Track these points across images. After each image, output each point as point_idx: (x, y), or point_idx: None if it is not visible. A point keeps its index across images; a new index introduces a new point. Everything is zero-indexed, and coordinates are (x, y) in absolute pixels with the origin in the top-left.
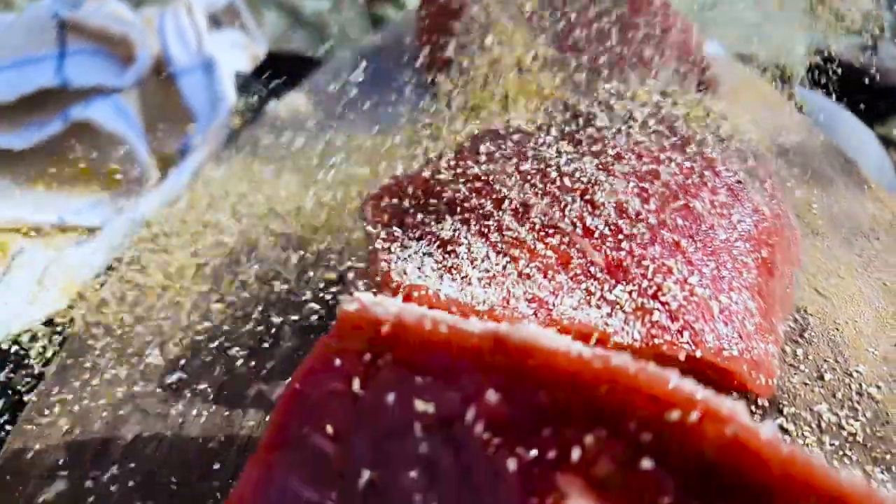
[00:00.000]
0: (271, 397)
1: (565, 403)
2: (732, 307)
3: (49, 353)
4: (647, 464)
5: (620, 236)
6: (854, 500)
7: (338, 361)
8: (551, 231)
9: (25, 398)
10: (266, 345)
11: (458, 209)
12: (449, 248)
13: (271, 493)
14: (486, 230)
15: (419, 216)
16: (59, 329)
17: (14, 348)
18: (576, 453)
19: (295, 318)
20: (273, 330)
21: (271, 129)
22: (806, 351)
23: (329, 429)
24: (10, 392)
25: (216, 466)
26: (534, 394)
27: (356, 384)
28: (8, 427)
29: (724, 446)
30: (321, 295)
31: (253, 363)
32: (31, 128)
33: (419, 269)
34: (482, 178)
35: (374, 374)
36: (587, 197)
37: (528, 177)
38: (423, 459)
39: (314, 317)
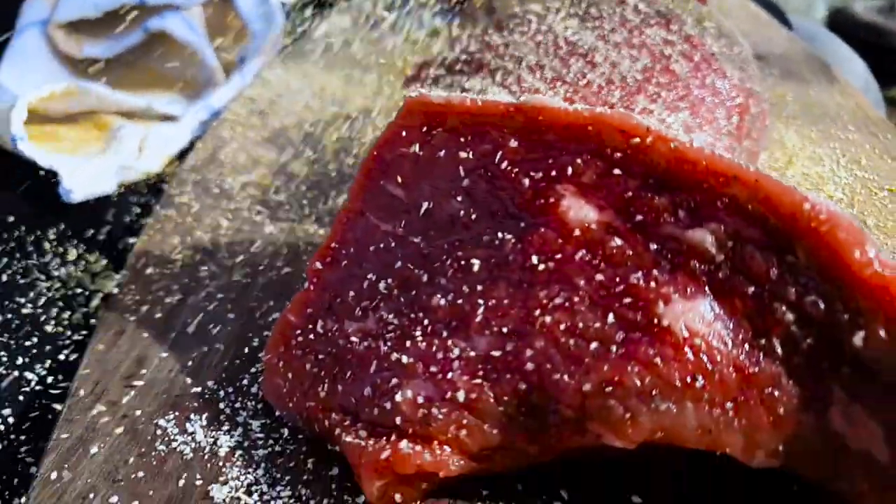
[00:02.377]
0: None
1: (563, 139)
2: (702, 143)
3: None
4: (617, 172)
5: (612, 87)
6: (763, 185)
7: (404, 133)
8: (559, 83)
9: (146, 220)
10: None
11: (485, 70)
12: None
13: (357, 229)
14: (507, 83)
15: (453, 78)
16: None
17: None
18: (569, 170)
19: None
20: (338, 173)
21: (318, 41)
22: None
23: (398, 179)
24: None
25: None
26: (542, 137)
27: (417, 147)
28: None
29: (668, 156)
30: None
31: (324, 195)
32: (114, 39)
33: None
34: (504, 45)
35: (429, 140)
36: (587, 59)
37: (541, 44)
38: (464, 190)
39: None
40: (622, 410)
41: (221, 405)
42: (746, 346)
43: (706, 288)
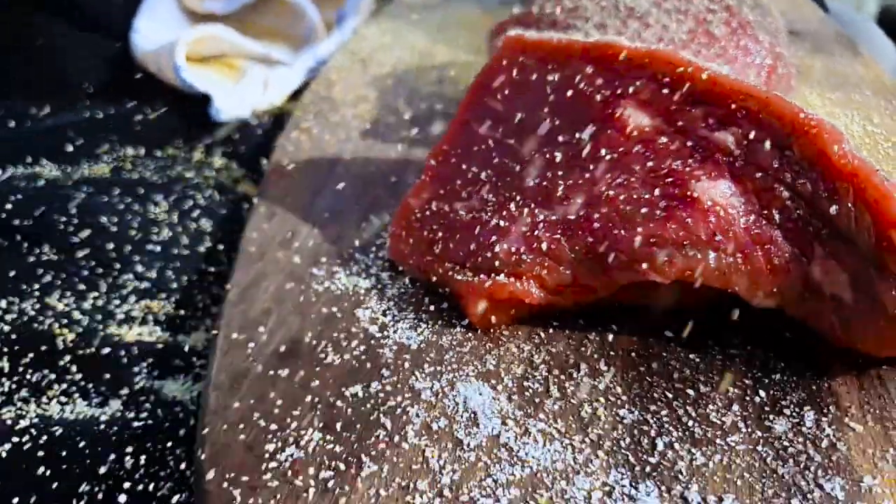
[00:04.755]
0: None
1: (626, 67)
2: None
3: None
4: (665, 91)
5: (661, 44)
6: (771, 101)
7: (504, 62)
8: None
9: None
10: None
11: (557, 27)
12: None
13: (464, 134)
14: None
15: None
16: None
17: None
18: (630, 89)
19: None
20: (429, 108)
21: (406, 4)
22: None
23: (498, 96)
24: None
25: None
26: (610, 66)
27: (514, 72)
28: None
29: (705, 80)
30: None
31: (418, 124)
32: None
33: None
34: (573, 9)
35: (524, 67)
36: (642, 21)
37: (604, 7)
38: (550, 104)
39: None
40: (663, 255)
41: (358, 263)
42: (753, 214)
43: (726, 173)
